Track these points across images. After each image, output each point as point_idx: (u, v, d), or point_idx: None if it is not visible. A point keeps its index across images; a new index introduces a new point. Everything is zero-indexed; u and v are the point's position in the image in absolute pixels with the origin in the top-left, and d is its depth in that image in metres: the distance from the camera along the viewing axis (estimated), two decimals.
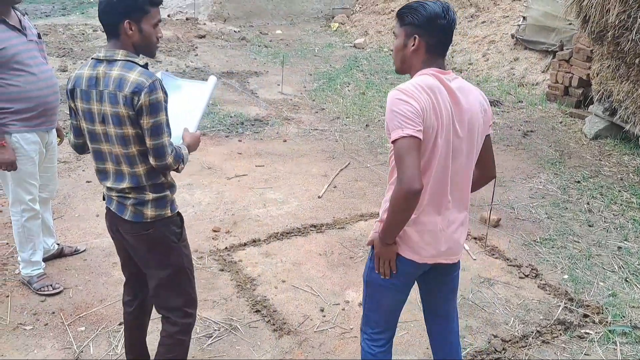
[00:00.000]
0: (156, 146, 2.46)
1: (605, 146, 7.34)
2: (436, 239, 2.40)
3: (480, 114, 2.38)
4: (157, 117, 2.43)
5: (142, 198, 2.56)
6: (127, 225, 2.60)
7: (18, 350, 3.35)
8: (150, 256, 2.67)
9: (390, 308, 2.61)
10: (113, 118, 2.44)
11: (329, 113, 8.22)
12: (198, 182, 5.74)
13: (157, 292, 2.73)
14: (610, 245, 4.91)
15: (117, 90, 2.40)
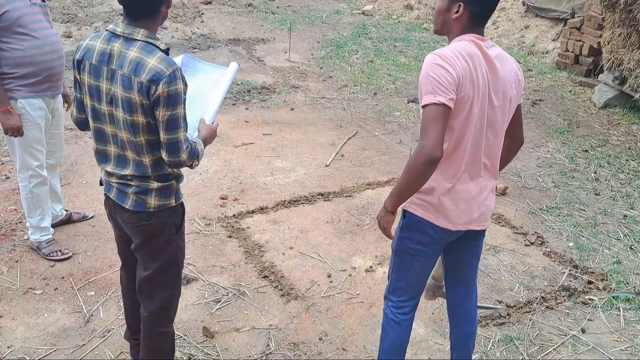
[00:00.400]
0: (171, 141, 2.27)
1: (614, 115, 7.28)
2: (470, 207, 2.42)
3: (514, 83, 2.36)
4: (174, 109, 2.24)
5: (145, 186, 2.40)
6: (127, 214, 2.45)
7: (29, 314, 3.41)
8: (145, 247, 2.53)
9: (419, 276, 2.64)
10: (124, 103, 2.26)
11: (337, 81, 8.18)
12: (205, 150, 5.72)
13: (143, 282, 2.61)
14: (616, 214, 4.91)
15: (133, 75, 2.21)
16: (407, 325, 2.70)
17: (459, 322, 2.80)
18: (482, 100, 2.27)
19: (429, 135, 2.14)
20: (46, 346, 3.17)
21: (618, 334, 3.49)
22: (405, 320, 2.68)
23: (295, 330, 3.39)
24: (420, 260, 2.56)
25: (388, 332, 2.70)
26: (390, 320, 2.69)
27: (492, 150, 2.41)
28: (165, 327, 2.69)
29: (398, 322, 2.67)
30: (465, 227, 2.45)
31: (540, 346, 3.36)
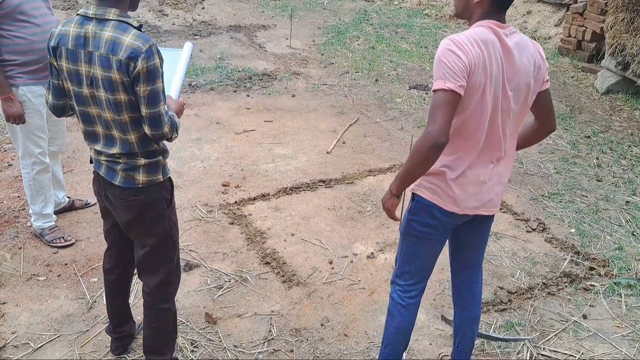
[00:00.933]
0: (153, 115, 2.34)
1: (617, 101, 7.26)
2: (479, 192, 2.42)
3: (533, 72, 2.33)
4: (154, 84, 2.30)
5: (133, 163, 2.45)
6: (117, 190, 2.49)
7: (32, 300, 3.42)
8: (138, 223, 2.56)
9: (427, 259, 2.65)
10: (104, 83, 2.30)
11: (338, 67, 8.15)
12: (207, 136, 5.75)
13: (142, 259, 2.65)
14: (618, 200, 4.91)
15: (111, 54, 2.25)
16: (413, 309, 2.72)
17: (463, 305, 2.81)
18: (495, 88, 2.25)
19: (435, 121, 2.15)
20: (50, 332, 3.19)
21: (619, 320, 3.50)
22: (411, 304, 2.70)
23: (297, 316, 3.41)
24: (427, 244, 2.58)
25: (395, 315, 2.72)
26: (397, 304, 2.71)
27: (506, 138, 2.40)
28: (166, 304, 2.72)
29: (405, 306, 2.69)
30: (473, 211, 2.46)
31: (542, 332, 3.37)
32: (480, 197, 2.43)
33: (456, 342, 2.88)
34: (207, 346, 3.14)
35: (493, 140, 2.36)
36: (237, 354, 3.11)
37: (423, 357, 3.14)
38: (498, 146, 2.39)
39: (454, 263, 2.81)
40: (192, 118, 6.17)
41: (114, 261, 2.87)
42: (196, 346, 3.14)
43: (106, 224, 2.80)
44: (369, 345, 3.20)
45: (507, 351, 3.20)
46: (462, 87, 2.17)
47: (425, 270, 2.69)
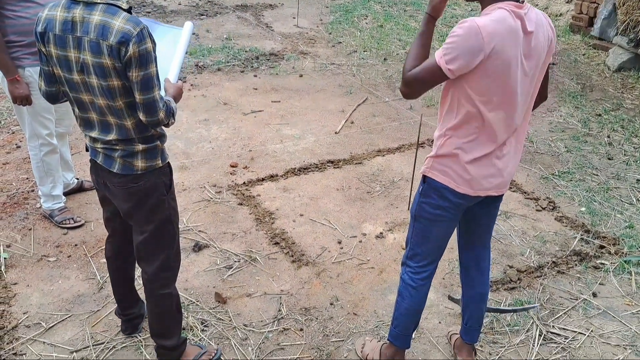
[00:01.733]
0: (147, 101, 2.26)
1: (629, 78, 7.18)
2: (493, 173, 2.41)
3: (547, 47, 2.31)
4: (147, 69, 2.23)
5: (131, 149, 2.39)
6: (116, 178, 2.44)
7: (43, 280, 3.45)
8: (138, 210, 2.51)
9: (438, 241, 2.64)
10: (96, 69, 2.22)
11: (346, 47, 8.09)
12: (214, 117, 5.73)
13: (141, 246, 2.61)
14: (629, 178, 4.87)
15: (100, 39, 2.16)
16: (424, 290, 2.72)
17: (472, 283, 2.81)
18: (513, 75, 2.20)
19: (412, 86, 2.28)
20: (61, 312, 3.21)
21: (629, 298, 3.49)
22: (422, 285, 2.70)
23: (307, 296, 3.41)
24: (439, 226, 2.56)
25: (405, 297, 2.72)
26: (407, 285, 2.70)
27: (521, 120, 2.38)
28: (166, 289, 2.70)
29: (416, 287, 2.69)
30: (485, 192, 2.45)
31: (551, 310, 3.36)
32: (494, 178, 2.42)
33: (465, 320, 2.88)
34: (217, 325, 3.16)
35: (509, 124, 2.33)
36: (247, 332, 3.12)
37: (432, 335, 3.14)
38: (512, 129, 2.36)
39: (461, 241, 2.80)
40: (199, 99, 6.15)
41: (115, 249, 2.85)
42: (206, 325, 3.16)
43: (106, 212, 2.76)
44: (378, 324, 3.21)
45: (516, 329, 3.20)
46: (456, 71, 2.15)
47: (437, 251, 2.68)
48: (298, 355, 2.99)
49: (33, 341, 3.00)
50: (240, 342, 3.06)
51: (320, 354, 3.00)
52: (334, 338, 3.11)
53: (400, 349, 2.84)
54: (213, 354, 2.92)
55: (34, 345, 2.98)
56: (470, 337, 2.90)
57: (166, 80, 2.53)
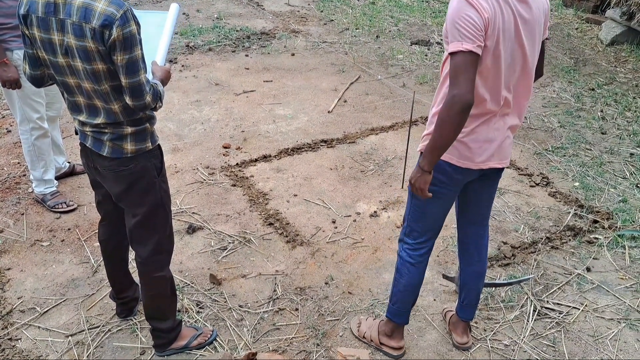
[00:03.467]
0: (133, 85, 2.22)
1: (622, 52, 7.15)
2: (492, 144, 2.40)
3: (542, 19, 2.28)
4: (132, 52, 2.17)
5: (120, 132, 2.36)
6: (106, 161, 2.41)
7: (37, 265, 3.44)
8: (129, 193, 2.49)
9: (436, 217, 2.63)
10: (79, 52, 2.17)
11: (338, 24, 8.02)
12: (206, 98, 5.69)
13: (133, 229, 2.60)
14: (622, 152, 4.87)
15: (83, 22, 2.11)
16: (422, 267, 2.73)
17: (469, 261, 2.81)
18: (511, 44, 2.18)
19: (459, 84, 2.09)
20: (55, 296, 3.21)
21: (623, 272, 3.51)
22: (420, 262, 2.71)
23: (302, 275, 3.42)
24: (437, 202, 2.55)
25: (403, 274, 2.73)
26: (405, 262, 2.71)
27: (521, 90, 2.37)
28: (159, 272, 2.69)
29: (414, 264, 2.70)
30: (486, 164, 2.43)
31: (545, 285, 3.38)
32: (493, 149, 2.40)
33: (461, 298, 2.89)
34: (212, 307, 3.16)
35: (508, 94, 2.31)
36: (243, 313, 3.13)
37: (427, 312, 3.16)
38: (513, 99, 2.35)
39: (460, 219, 2.79)
40: (190, 80, 6.10)
41: (108, 232, 2.84)
42: (202, 307, 3.16)
43: (97, 195, 2.74)
44: (373, 302, 3.22)
45: (510, 305, 3.22)
46: (479, 47, 2.10)
47: (435, 227, 2.67)
48: (294, 335, 3.00)
49: (28, 326, 3.00)
50: (236, 323, 3.07)
51: (315, 333, 3.01)
52: (329, 317, 3.12)
53: (400, 325, 2.86)
54: (209, 336, 2.92)
55: (29, 330, 2.98)
56: (466, 314, 2.91)
57: (153, 64, 2.50)
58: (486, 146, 2.38)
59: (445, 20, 2.18)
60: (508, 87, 2.31)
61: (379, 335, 2.91)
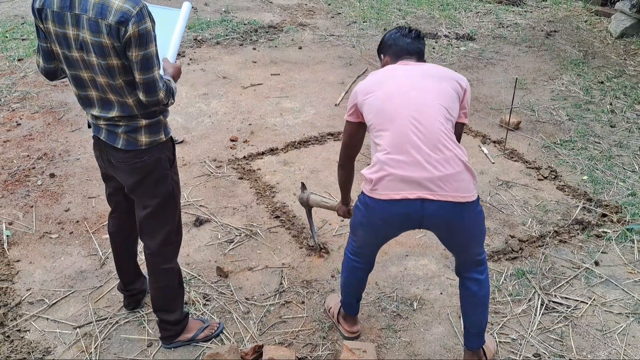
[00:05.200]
0: (147, 81, 2.25)
1: (631, 45, 7.09)
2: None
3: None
4: (147, 49, 2.21)
5: (134, 125, 2.39)
6: (120, 153, 2.44)
7: (45, 257, 3.46)
8: (142, 185, 2.52)
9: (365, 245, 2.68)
10: (95, 48, 2.20)
11: (346, 18, 7.99)
12: (213, 91, 5.69)
13: (143, 221, 2.62)
14: (631, 146, 4.84)
15: (99, 18, 2.14)
16: (358, 274, 2.75)
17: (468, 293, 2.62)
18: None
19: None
20: (64, 288, 3.22)
21: (632, 266, 3.49)
22: (356, 268, 2.72)
23: (308, 269, 3.42)
24: (364, 232, 2.54)
25: (343, 270, 2.78)
26: (346, 259, 2.75)
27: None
28: (168, 264, 2.71)
29: (350, 267, 2.73)
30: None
31: (553, 279, 3.36)
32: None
33: (466, 327, 2.70)
34: (219, 299, 3.17)
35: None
36: (249, 306, 3.13)
37: (434, 306, 3.15)
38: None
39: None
40: (198, 73, 6.10)
41: (118, 224, 2.86)
42: (208, 300, 3.17)
43: (108, 188, 2.76)
44: (380, 296, 3.22)
45: (518, 299, 3.21)
46: None
47: (364, 251, 2.67)
48: (300, 328, 3.00)
49: (37, 318, 3.02)
50: (242, 315, 3.07)
51: (322, 326, 3.01)
52: None
53: (349, 315, 2.90)
54: (215, 328, 2.94)
55: (38, 321, 3.00)
56: (470, 342, 2.68)
57: (164, 60, 2.51)
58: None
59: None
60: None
61: (338, 314, 2.95)
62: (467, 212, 2.34)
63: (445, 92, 2.38)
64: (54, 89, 5.63)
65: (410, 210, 2.30)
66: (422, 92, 2.36)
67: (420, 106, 2.33)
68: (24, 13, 7.96)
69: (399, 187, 2.28)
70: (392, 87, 2.39)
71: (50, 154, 4.51)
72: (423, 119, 2.30)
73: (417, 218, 2.33)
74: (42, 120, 5.05)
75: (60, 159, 4.45)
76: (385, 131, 2.35)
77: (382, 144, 2.35)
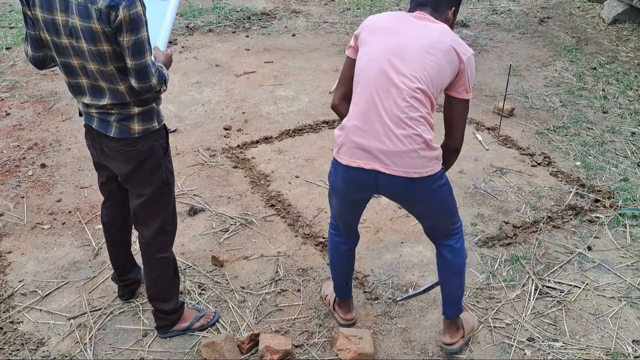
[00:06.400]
0: (139, 66, 2.21)
1: (623, 31, 7.09)
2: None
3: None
4: (138, 33, 2.17)
5: (127, 113, 2.36)
6: (113, 142, 2.41)
7: (38, 248, 3.44)
8: (136, 174, 2.50)
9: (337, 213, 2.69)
10: (85, 33, 2.16)
11: (339, 4, 7.95)
12: (206, 80, 5.66)
13: (138, 210, 2.60)
14: (624, 131, 4.85)
15: (88, 3, 2.10)
16: (341, 253, 2.76)
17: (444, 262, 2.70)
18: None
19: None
20: (57, 279, 3.21)
21: (624, 250, 3.50)
22: (339, 243, 2.75)
23: (304, 257, 3.42)
24: (335, 198, 2.56)
25: (329, 249, 2.80)
26: (330, 239, 2.78)
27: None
28: (163, 253, 2.69)
29: (333, 244, 2.76)
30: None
31: (547, 264, 3.38)
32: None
33: (443, 295, 2.77)
34: (214, 288, 3.17)
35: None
36: (245, 295, 3.13)
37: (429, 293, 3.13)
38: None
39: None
40: (191, 61, 6.07)
41: (111, 214, 2.83)
42: (204, 289, 3.17)
43: (101, 177, 2.74)
44: (375, 282, 3.22)
45: (512, 284, 3.22)
46: None
47: (340, 221, 2.67)
48: (296, 316, 3.00)
49: (30, 309, 3.01)
50: (238, 304, 3.07)
51: (318, 314, 3.01)
52: None
53: (341, 299, 2.90)
54: (211, 317, 2.93)
55: (31, 313, 2.99)
56: (447, 311, 2.74)
57: (155, 49, 2.48)
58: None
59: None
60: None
61: (334, 302, 2.96)
62: (421, 187, 2.35)
63: (432, 65, 2.28)
64: (43, 78, 5.58)
65: (365, 179, 2.37)
66: (403, 62, 2.28)
67: (396, 76, 2.26)
68: (12, 1, 7.88)
69: (357, 154, 2.33)
70: (381, 46, 2.32)
71: (40, 144, 4.48)
72: (394, 91, 2.26)
73: (372, 186, 2.39)
74: (32, 110, 5.01)
75: (51, 149, 4.42)
76: (356, 92, 2.36)
77: (351, 107, 2.38)
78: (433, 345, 2.84)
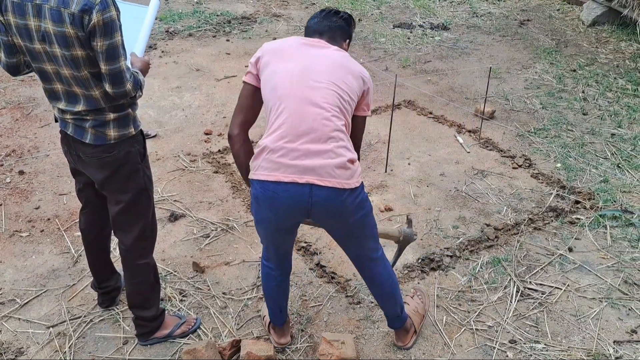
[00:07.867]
0: (113, 71, 2.19)
1: (603, 33, 7.17)
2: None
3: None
4: (112, 38, 2.14)
5: (102, 119, 2.33)
6: (89, 148, 2.38)
7: (16, 256, 3.39)
8: (113, 180, 2.47)
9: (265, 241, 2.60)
10: (58, 38, 2.13)
11: (320, 8, 7.94)
12: (187, 84, 5.63)
13: (117, 217, 2.57)
14: (603, 133, 4.89)
15: (61, 7, 2.08)
16: (271, 282, 2.67)
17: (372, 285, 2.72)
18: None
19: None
20: (36, 287, 3.16)
21: (605, 251, 3.53)
22: (269, 275, 2.66)
23: None
24: (262, 229, 2.49)
25: (262, 276, 2.72)
26: (261, 265, 2.71)
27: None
28: (144, 259, 2.67)
29: (265, 273, 2.68)
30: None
31: (528, 266, 3.39)
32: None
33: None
34: (195, 295, 3.14)
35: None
36: (227, 301, 3.11)
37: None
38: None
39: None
40: (171, 66, 6.03)
41: (89, 221, 2.80)
42: (185, 295, 3.14)
43: (78, 183, 2.70)
44: (357, 286, 3.22)
45: (493, 286, 3.23)
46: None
47: (272, 252, 2.60)
48: None
49: (8, 318, 2.96)
50: (220, 310, 3.05)
51: (300, 319, 3.00)
52: (312, 303, 3.11)
53: (274, 324, 2.82)
54: (192, 324, 2.91)
55: (9, 322, 2.94)
56: (391, 324, 2.80)
57: (132, 55, 2.46)
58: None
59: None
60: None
61: (269, 325, 2.86)
62: (351, 198, 2.30)
63: (343, 83, 2.30)
64: (21, 84, 5.52)
65: (299, 194, 2.24)
66: (318, 80, 2.28)
67: (313, 92, 2.26)
68: None
69: (288, 170, 2.23)
70: (291, 66, 2.30)
71: (18, 151, 4.42)
72: (314, 108, 2.25)
73: (305, 205, 2.27)
74: (9, 116, 4.94)
75: (29, 156, 4.37)
76: (272, 114, 2.31)
77: (272, 128, 2.30)
78: (416, 349, 2.84)
